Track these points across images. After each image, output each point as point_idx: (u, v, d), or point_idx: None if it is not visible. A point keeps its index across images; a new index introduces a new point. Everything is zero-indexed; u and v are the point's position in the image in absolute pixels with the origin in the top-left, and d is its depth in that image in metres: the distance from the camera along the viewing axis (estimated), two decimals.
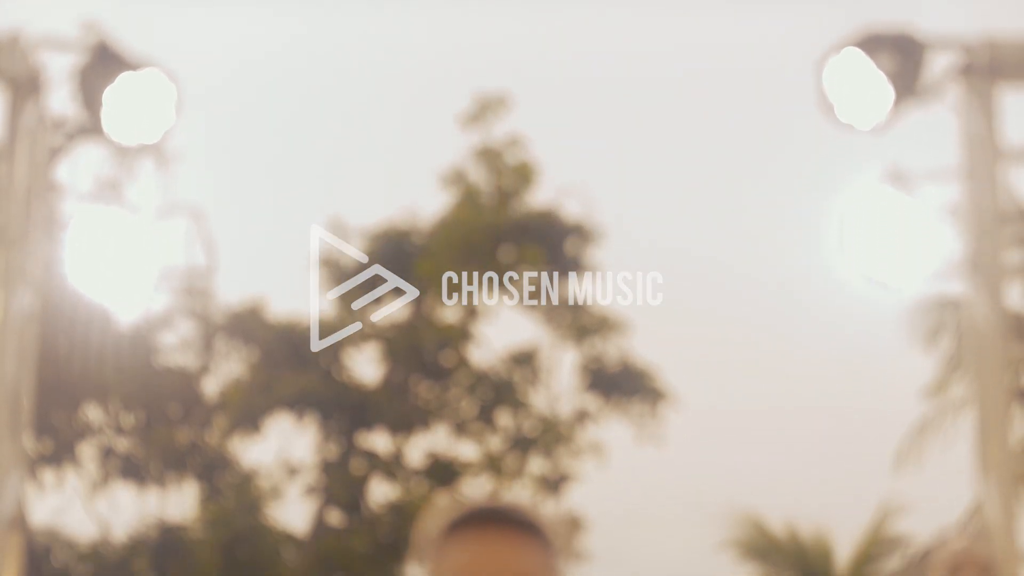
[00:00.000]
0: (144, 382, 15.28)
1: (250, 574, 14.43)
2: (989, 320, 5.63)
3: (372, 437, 15.37)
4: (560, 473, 15.33)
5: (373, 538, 15.07)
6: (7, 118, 5.81)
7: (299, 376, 14.84)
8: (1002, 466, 5.49)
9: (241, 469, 15.19)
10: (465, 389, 15.38)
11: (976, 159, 5.77)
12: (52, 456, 15.25)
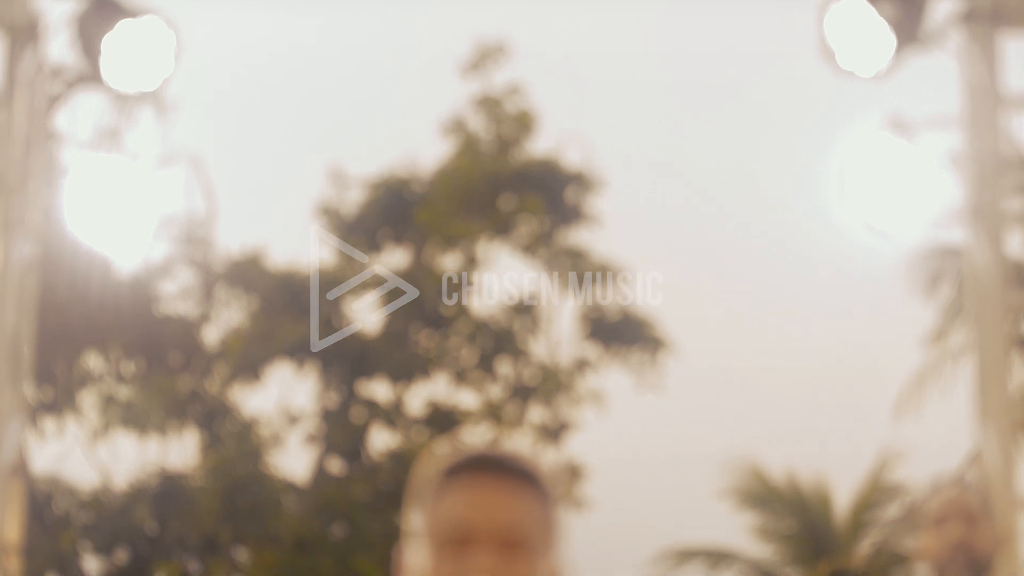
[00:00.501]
0: (144, 330, 15.32)
1: (250, 521, 14.50)
2: (989, 268, 5.66)
3: (372, 386, 15.42)
4: (560, 421, 15.38)
5: (373, 486, 15.14)
6: (6, 66, 5.81)
7: (299, 325, 14.87)
8: (1001, 413, 5.54)
9: (242, 417, 15.25)
10: (465, 338, 15.41)
11: (977, 106, 5.78)
12: (53, 404, 15.31)
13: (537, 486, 2.40)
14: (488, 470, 2.38)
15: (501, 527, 2.35)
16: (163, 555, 15.13)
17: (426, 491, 2.40)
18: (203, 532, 14.57)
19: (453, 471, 2.38)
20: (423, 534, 2.38)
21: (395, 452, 15.27)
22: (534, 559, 2.36)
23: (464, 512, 2.35)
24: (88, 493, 15.66)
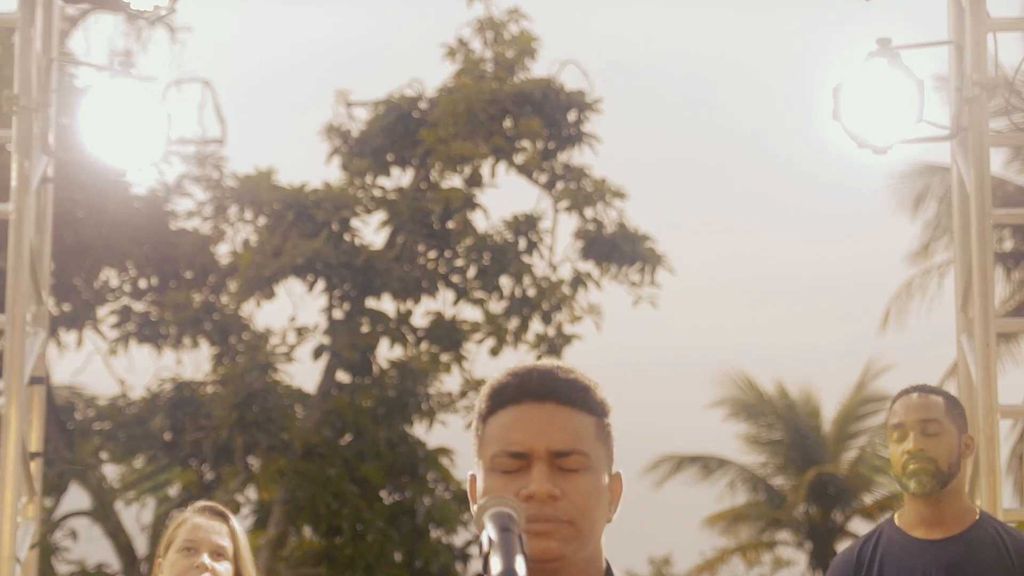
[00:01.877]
0: (159, 247, 15.51)
1: (262, 430, 14.72)
2: (973, 186, 5.79)
3: (379, 301, 15.60)
4: (560, 335, 15.57)
5: (380, 396, 15.37)
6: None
7: (309, 242, 15.01)
8: (984, 326, 5.66)
9: (253, 330, 15.45)
10: (468, 254, 15.56)
11: (965, 28, 5.89)
12: (72, 318, 15.52)
13: (590, 404, 2.39)
14: (538, 392, 2.37)
15: (553, 451, 2.34)
16: (179, 462, 15.41)
17: (482, 411, 2.41)
18: (217, 440, 14.82)
19: (506, 393, 2.39)
20: (484, 458, 2.38)
21: (401, 364, 15.50)
22: (592, 477, 2.36)
23: (518, 433, 2.34)
24: (107, 403, 15.92)
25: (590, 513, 2.35)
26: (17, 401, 5.61)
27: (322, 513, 14.72)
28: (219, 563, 4.45)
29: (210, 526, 4.49)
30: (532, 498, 2.31)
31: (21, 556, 5.63)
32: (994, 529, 4.55)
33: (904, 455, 4.46)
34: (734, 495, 24.44)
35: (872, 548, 4.56)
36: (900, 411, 4.52)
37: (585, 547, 2.35)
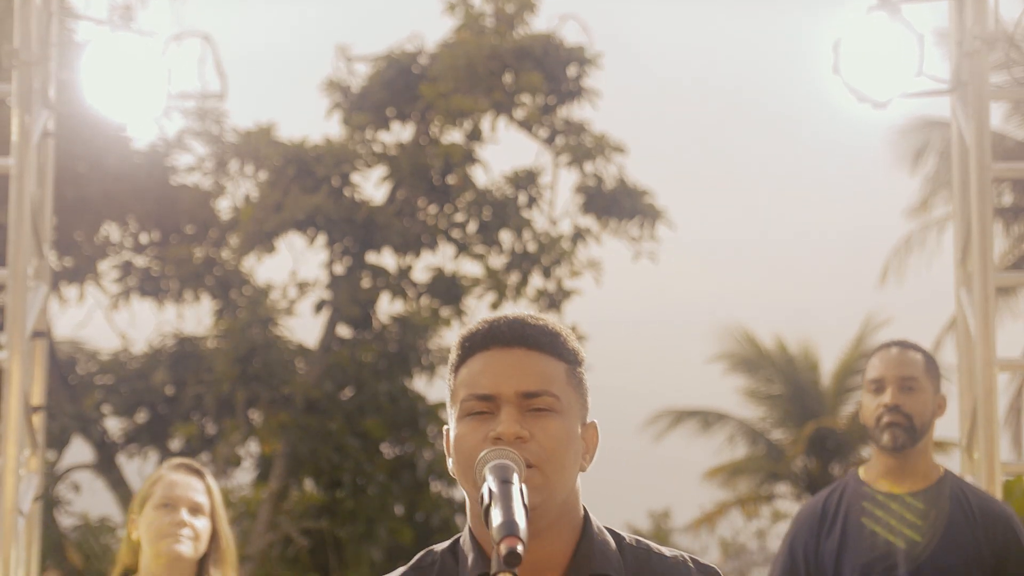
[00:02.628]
0: (160, 201, 15.51)
1: (264, 384, 14.77)
2: (973, 140, 5.80)
3: (379, 256, 15.62)
4: (560, 289, 15.59)
5: (380, 350, 15.41)
6: None
7: (309, 197, 15.01)
8: (982, 280, 5.68)
9: (255, 285, 15.47)
10: (468, 209, 15.57)
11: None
12: (74, 272, 15.54)
13: (560, 350, 2.40)
14: (506, 337, 2.39)
15: (521, 391, 2.35)
16: (181, 416, 15.47)
17: (453, 362, 2.43)
18: (218, 394, 14.87)
19: (476, 341, 2.41)
20: (455, 407, 2.40)
21: (401, 318, 15.53)
22: (561, 421, 2.36)
23: (487, 377, 2.36)
24: (108, 357, 15.97)
25: (558, 457, 2.34)
26: (19, 355, 5.64)
27: (323, 467, 14.79)
28: (197, 519, 4.47)
29: (187, 482, 4.50)
30: (499, 439, 2.31)
31: (24, 509, 5.67)
32: (957, 486, 4.58)
33: (880, 408, 4.50)
34: (733, 449, 24.56)
35: (837, 500, 4.58)
36: (879, 365, 4.56)
37: (555, 494, 2.34)
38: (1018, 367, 12.09)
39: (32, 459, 5.86)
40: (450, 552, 2.43)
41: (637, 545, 2.43)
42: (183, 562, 4.44)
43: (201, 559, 4.49)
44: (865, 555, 4.45)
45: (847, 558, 4.47)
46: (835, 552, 4.48)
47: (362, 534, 14.59)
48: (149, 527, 4.45)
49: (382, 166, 15.76)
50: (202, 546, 4.47)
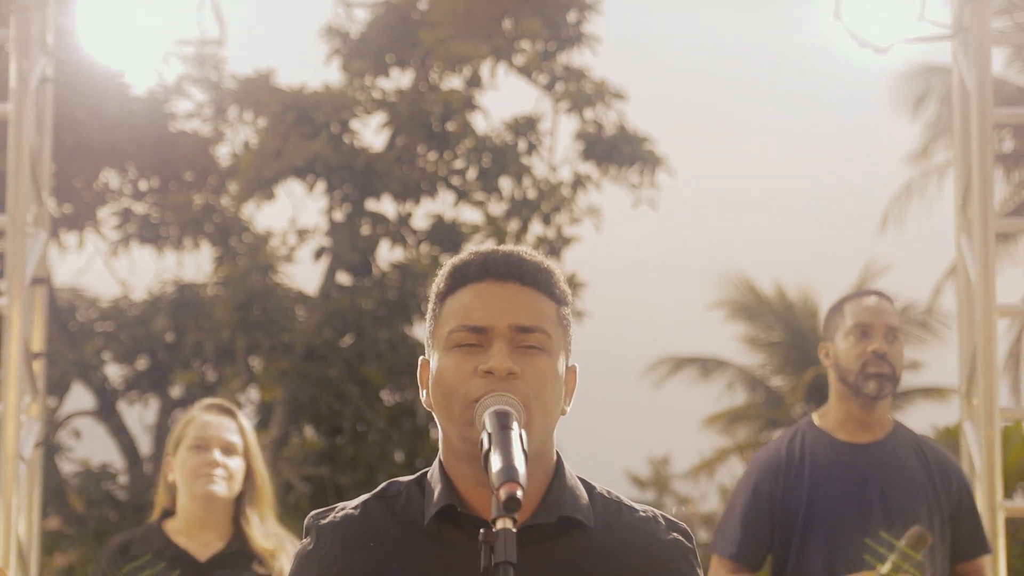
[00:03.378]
0: (159, 148, 15.48)
1: (263, 331, 14.79)
2: (974, 86, 5.79)
3: (379, 203, 15.61)
4: (560, 236, 15.59)
5: (380, 297, 15.42)
6: None
7: (308, 143, 14.98)
8: (983, 226, 5.68)
9: (254, 232, 15.47)
10: (468, 156, 15.55)
11: None
12: (73, 219, 15.53)
13: (552, 289, 2.38)
14: (501, 271, 2.36)
15: (515, 325, 2.32)
16: (181, 363, 15.49)
17: (441, 290, 2.40)
18: (218, 341, 14.89)
19: (468, 271, 2.38)
20: (439, 337, 2.37)
21: (401, 265, 15.54)
22: (550, 360, 2.34)
23: (480, 309, 2.33)
24: (108, 304, 15.98)
25: (545, 396, 2.32)
26: (19, 301, 5.65)
27: (323, 413, 14.82)
28: (230, 459, 4.49)
29: (219, 423, 4.52)
30: (491, 374, 2.29)
31: (25, 454, 5.69)
32: (910, 436, 4.59)
33: (867, 354, 4.44)
34: (732, 396, 24.61)
35: (799, 447, 4.53)
36: (864, 312, 4.50)
37: (536, 434, 2.32)
38: (1018, 313, 12.10)
39: (33, 405, 5.88)
40: (416, 484, 2.42)
41: (608, 496, 2.42)
42: (217, 501, 4.46)
43: (237, 498, 4.51)
44: (840, 503, 4.42)
45: (819, 506, 4.43)
46: (805, 502, 4.44)
47: (362, 480, 14.64)
48: (183, 468, 4.48)
49: (381, 113, 15.72)
50: (236, 485, 4.49)
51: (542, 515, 2.33)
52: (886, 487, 4.43)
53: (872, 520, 4.38)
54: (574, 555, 2.34)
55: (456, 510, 2.33)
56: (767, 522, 4.49)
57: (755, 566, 4.56)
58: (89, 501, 15.04)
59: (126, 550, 4.51)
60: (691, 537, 2.42)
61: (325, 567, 2.35)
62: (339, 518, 2.40)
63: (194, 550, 4.47)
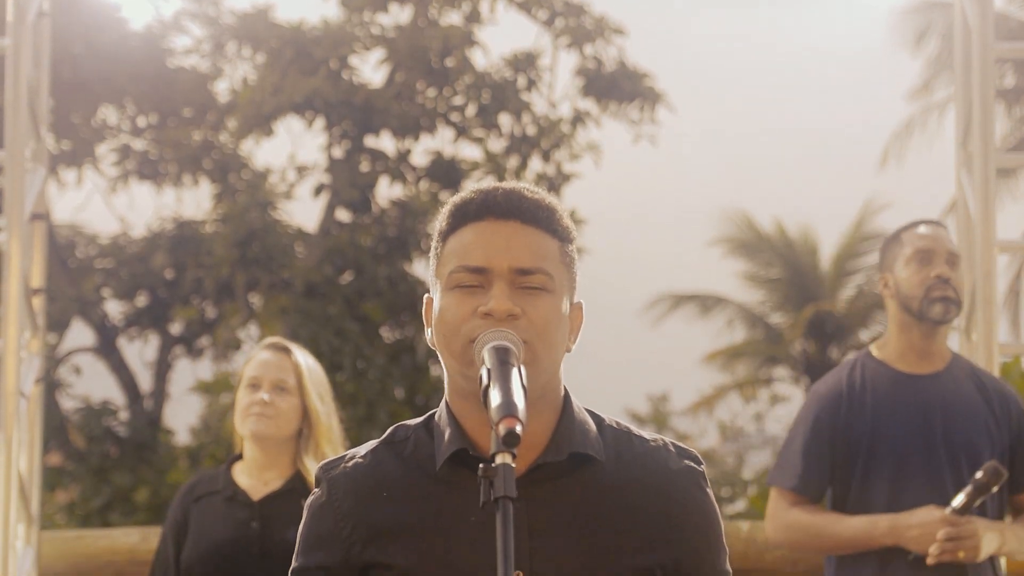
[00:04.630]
0: (158, 84, 15.42)
1: (263, 267, 14.79)
2: (976, 20, 5.75)
3: (378, 139, 15.56)
4: (559, 173, 15.56)
5: (379, 234, 15.41)
6: None
7: (307, 79, 14.92)
8: (983, 160, 5.66)
9: (253, 168, 15.43)
10: (467, 92, 15.48)
11: None
12: (72, 155, 15.50)
13: (555, 227, 2.35)
14: (501, 209, 2.33)
15: (515, 268, 2.30)
16: (181, 300, 15.51)
17: (443, 229, 2.37)
18: (218, 278, 14.89)
19: (469, 210, 2.35)
20: (441, 277, 2.34)
21: (400, 202, 15.52)
22: (553, 299, 2.32)
23: (479, 249, 2.31)
24: (108, 240, 15.98)
25: (548, 335, 2.30)
26: (18, 237, 5.63)
27: (324, 351, 14.84)
28: (281, 398, 4.48)
29: (272, 361, 4.52)
30: (490, 315, 2.27)
31: (26, 390, 5.70)
32: (968, 366, 4.56)
33: (932, 279, 4.39)
34: (732, 332, 24.64)
35: (860, 378, 4.49)
36: (924, 239, 4.44)
37: (541, 373, 2.31)
38: (1018, 248, 12.10)
39: (33, 341, 5.88)
40: (424, 428, 2.40)
41: (618, 427, 2.41)
42: (268, 440, 4.47)
43: (297, 437, 4.51)
44: (904, 435, 4.39)
45: (881, 440, 4.39)
46: (868, 434, 4.40)
47: (363, 417, 14.69)
48: (238, 407, 4.50)
49: (380, 48, 15.65)
50: (286, 424, 4.47)
51: (552, 453, 2.33)
52: (948, 419, 4.39)
53: (935, 453, 4.36)
54: (587, 490, 2.34)
55: (468, 454, 2.32)
56: (828, 454, 4.45)
57: (816, 498, 4.53)
58: (90, 437, 15.09)
59: (192, 490, 4.56)
60: (701, 463, 2.42)
61: (338, 520, 2.36)
62: (350, 468, 2.39)
63: (252, 489, 4.49)
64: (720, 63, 35.77)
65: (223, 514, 4.47)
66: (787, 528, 4.52)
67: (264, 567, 4.39)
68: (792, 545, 4.58)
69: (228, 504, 4.48)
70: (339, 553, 2.34)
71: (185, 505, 4.54)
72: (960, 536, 4.25)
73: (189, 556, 4.46)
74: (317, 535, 2.38)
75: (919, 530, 4.29)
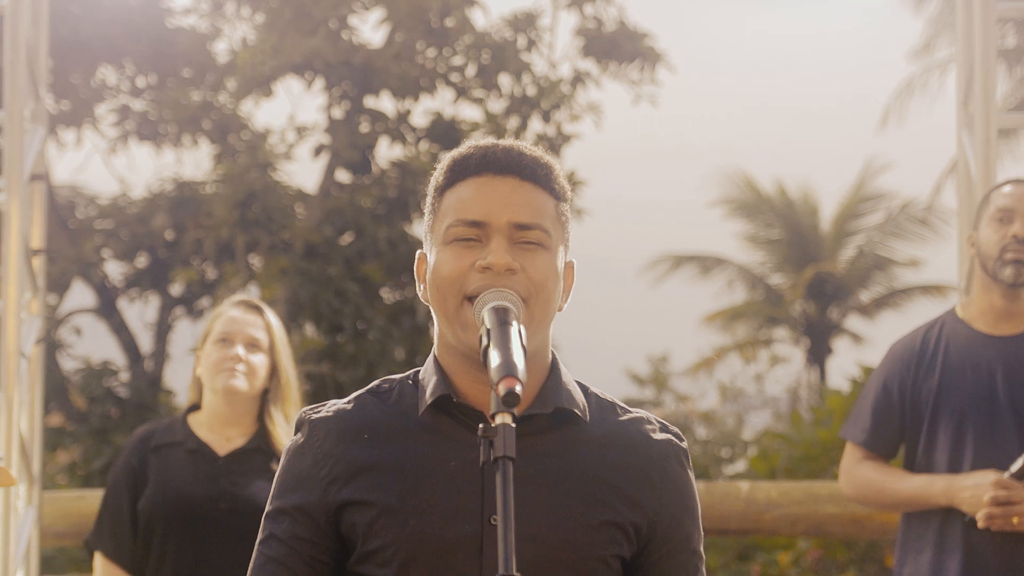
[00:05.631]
0: (156, 44, 15.37)
1: (263, 227, 14.78)
2: None
3: (378, 100, 15.52)
4: (559, 134, 15.53)
5: (380, 195, 15.40)
6: None
7: (307, 40, 14.87)
8: (984, 121, 5.64)
9: (253, 129, 15.40)
10: (467, 53, 15.44)
11: None
12: (71, 116, 15.46)
13: (552, 185, 2.38)
14: (500, 165, 2.35)
15: (514, 222, 2.31)
16: (181, 261, 15.51)
17: (440, 183, 2.39)
18: (218, 239, 14.88)
19: (468, 165, 2.36)
20: (437, 232, 2.37)
21: (400, 163, 15.49)
22: (549, 256, 2.34)
23: (478, 204, 2.32)
24: (108, 201, 15.97)
25: (545, 292, 2.32)
26: (18, 197, 5.63)
27: (324, 312, 14.84)
28: (254, 355, 4.51)
29: (245, 319, 4.55)
30: (488, 270, 2.29)
31: (26, 351, 5.70)
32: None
33: (1007, 239, 4.33)
34: (732, 293, 24.68)
35: (936, 337, 4.45)
36: (1005, 197, 4.39)
37: (537, 330, 2.33)
38: None
39: (33, 302, 5.89)
40: (409, 380, 2.42)
41: (603, 397, 2.44)
42: (238, 396, 4.49)
43: (262, 395, 4.54)
44: (967, 396, 4.34)
45: (947, 398, 4.36)
46: (934, 392, 4.37)
47: (363, 378, 14.70)
48: (207, 361, 4.51)
49: (379, 8, 15.59)
50: (259, 382, 4.51)
51: (538, 406, 2.34)
52: (1016, 383, 4.32)
53: (998, 415, 4.30)
54: (568, 445, 2.35)
55: (451, 400, 2.33)
56: (897, 412, 4.45)
57: (887, 454, 4.53)
58: (91, 398, 15.11)
59: (148, 439, 4.55)
60: (683, 439, 2.43)
61: (318, 460, 2.36)
62: (332, 412, 2.41)
63: (215, 444, 4.51)
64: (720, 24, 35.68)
65: (188, 466, 4.48)
66: (853, 482, 4.54)
67: (231, 523, 4.41)
68: (858, 499, 4.58)
69: (192, 456, 4.50)
70: (316, 493, 2.34)
71: (142, 454, 4.52)
72: (1011, 501, 4.19)
73: (150, 505, 4.45)
74: (295, 476, 2.37)
75: (971, 491, 4.24)
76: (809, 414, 18.33)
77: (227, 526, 4.40)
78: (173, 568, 4.42)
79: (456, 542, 2.24)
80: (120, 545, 4.46)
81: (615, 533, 2.32)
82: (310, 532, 2.33)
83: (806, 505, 6.27)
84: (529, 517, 2.27)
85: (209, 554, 4.39)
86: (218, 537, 4.40)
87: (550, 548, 2.27)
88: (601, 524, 2.31)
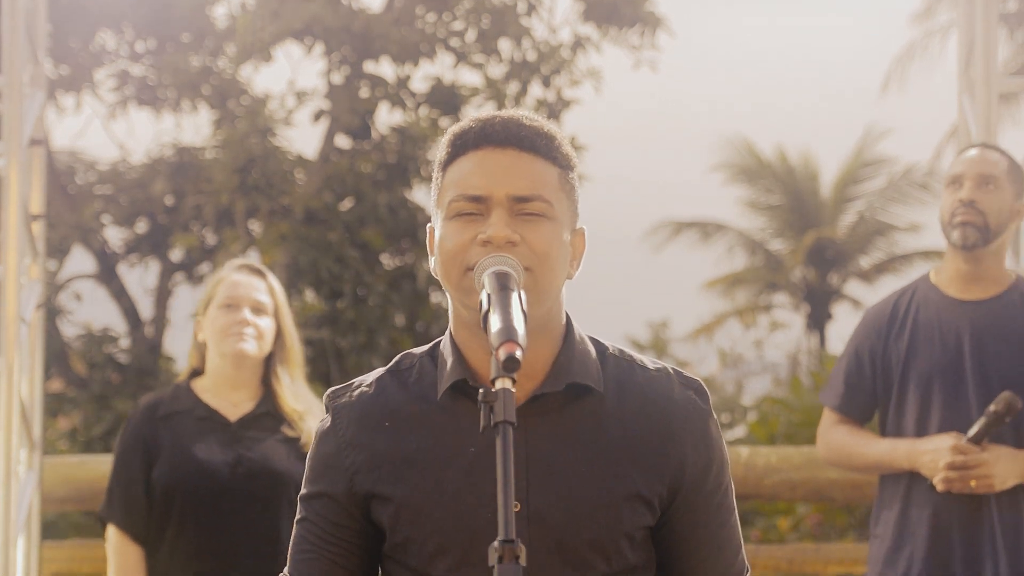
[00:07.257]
0: (155, 8, 15.32)
1: (263, 193, 14.76)
2: None
3: (377, 65, 15.48)
4: (559, 99, 15.50)
5: (379, 160, 15.38)
6: None
7: (306, 4, 14.82)
8: (985, 85, 5.63)
9: (252, 95, 15.36)
10: (467, 18, 15.38)
11: None
12: (70, 81, 15.42)
13: (554, 153, 2.36)
14: (499, 137, 2.34)
15: (513, 195, 2.30)
16: (180, 226, 15.50)
17: (442, 159, 2.39)
18: (218, 205, 14.87)
19: (467, 139, 2.36)
20: (441, 206, 2.35)
21: (400, 128, 15.47)
22: (552, 225, 2.33)
23: (478, 178, 2.31)
24: (107, 167, 15.95)
25: (549, 262, 2.31)
26: (17, 162, 5.63)
27: (324, 277, 14.84)
28: (260, 318, 4.51)
29: (249, 283, 4.54)
30: (489, 243, 2.29)
31: (27, 316, 5.71)
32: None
33: (955, 203, 4.36)
34: (732, 259, 24.68)
35: (908, 302, 4.47)
36: (959, 163, 4.45)
37: (543, 300, 2.32)
38: None
39: (33, 267, 5.89)
40: (429, 356, 2.42)
41: (620, 355, 2.42)
42: (248, 360, 4.49)
43: (267, 359, 4.54)
44: (934, 361, 4.37)
45: (915, 363, 4.39)
46: (903, 356, 4.41)
47: (363, 344, 14.71)
48: (213, 327, 4.50)
49: None
50: (266, 345, 4.52)
51: (550, 383, 2.33)
52: (982, 347, 4.34)
53: (963, 380, 4.33)
54: (585, 421, 2.34)
55: (467, 384, 2.34)
56: (868, 377, 4.48)
57: (861, 419, 4.57)
58: (91, 364, 15.13)
59: (155, 409, 4.53)
60: (705, 393, 2.42)
61: (341, 449, 2.39)
62: (355, 397, 2.42)
63: (224, 409, 4.50)
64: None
65: (201, 433, 4.47)
66: (827, 446, 4.60)
67: (248, 487, 4.42)
68: (830, 462, 4.64)
69: (203, 423, 4.49)
70: (342, 484, 2.39)
71: (152, 423, 4.50)
72: (967, 465, 4.22)
73: (168, 475, 4.44)
74: (323, 462, 2.42)
75: (931, 456, 4.29)
76: (809, 380, 18.36)
77: (245, 490, 4.40)
78: (195, 535, 4.41)
79: (481, 531, 2.25)
80: (134, 516, 4.45)
81: (637, 506, 2.33)
82: (340, 517, 2.39)
83: (806, 470, 6.28)
84: (550, 498, 2.29)
85: (229, 519, 4.39)
86: (236, 501, 4.40)
87: (574, 528, 2.29)
88: (623, 499, 2.31)
